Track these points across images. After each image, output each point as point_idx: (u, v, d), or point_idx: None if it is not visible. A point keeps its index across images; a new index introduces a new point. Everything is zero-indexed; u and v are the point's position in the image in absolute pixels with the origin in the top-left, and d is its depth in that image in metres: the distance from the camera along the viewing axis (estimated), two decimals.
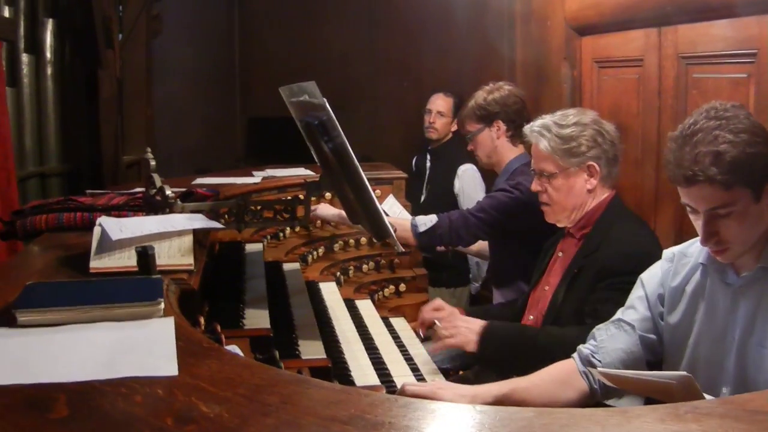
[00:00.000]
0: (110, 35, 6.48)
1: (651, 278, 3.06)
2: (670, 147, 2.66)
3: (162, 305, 2.12)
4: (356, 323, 3.77)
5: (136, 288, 2.24)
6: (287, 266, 4.26)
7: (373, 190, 5.09)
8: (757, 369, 2.62)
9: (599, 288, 3.41)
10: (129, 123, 7.02)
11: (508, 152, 4.69)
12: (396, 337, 3.81)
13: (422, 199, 6.88)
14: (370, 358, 3.31)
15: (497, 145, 4.73)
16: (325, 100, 2.91)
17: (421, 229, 4.46)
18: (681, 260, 2.99)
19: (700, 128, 2.57)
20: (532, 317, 3.81)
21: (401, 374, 3.26)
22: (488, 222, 4.42)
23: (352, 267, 4.81)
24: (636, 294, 3.07)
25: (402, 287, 4.86)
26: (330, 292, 4.13)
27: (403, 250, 3.76)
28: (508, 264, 4.48)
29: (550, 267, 3.84)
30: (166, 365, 1.74)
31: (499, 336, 3.50)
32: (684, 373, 2.30)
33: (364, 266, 4.90)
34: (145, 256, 2.44)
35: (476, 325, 3.53)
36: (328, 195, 4.86)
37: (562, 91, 5.65)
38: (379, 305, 4.48)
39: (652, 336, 3.01)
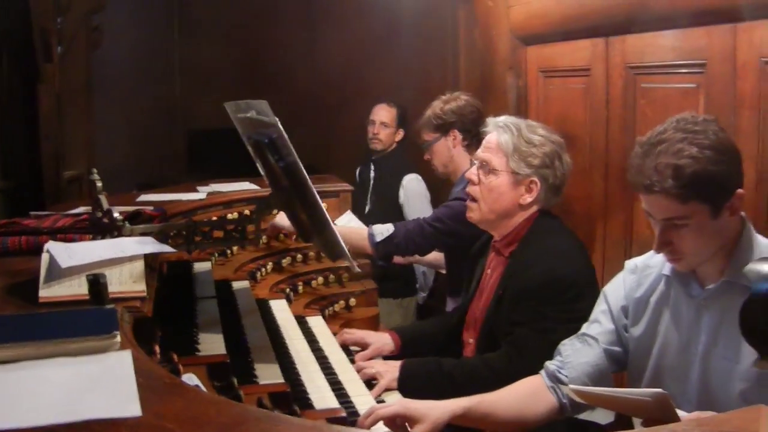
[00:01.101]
0: (49, 48, 6.36)
1: (614, 291, 3.06)
2: (635, 152, 2.67)
3: (118, 338, 2.05)
4: (309, 342, 3.71)
5: (89, 320, 2.16)
6: (237, 285, 4.18)
7: None
8: (721, 380, 2.65)
9: (516, 311, 3.42)
10: (69, 138, 6.89)
11: (464, 161, 4.73)
12: (349, 354, 3.77)
13: (367, 210, 6.83)
14: (327, 379, 3.26)
15: (453, 155, 4.80)
16: (277, 119, 2.86)
17: (378, 238, 4.47)
18: (644, 271, 3.00)
19: (666, 138, 2.58)
20: (471, 340, 3.80)
21: (359, 393, 3.22)
22: (444, 231, 4.43)
23: (301, 282, 4.73)
24: (599, 308, 3.08)
25: (352, 301, 4.79)
26: (281, 310, 4.06)
27: (359, 270, 3.71)
28: (463, 273, 4.44)
29: (482, 286, 3.82)
30: (129, 405, 1.68)
31: (417, 375, 3.50)
32: (659, 390, 2.29)
33: (313, 281, 4.81)
34: (97, 284, 2.35)
35: (394, 366, 3.54)
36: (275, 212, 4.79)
37: (507, 101, 5.65)
38: (329, 320, 4.41)
39: (617, 348, 3.02)
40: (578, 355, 3.01)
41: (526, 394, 3.03)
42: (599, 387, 2.79)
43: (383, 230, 4.51)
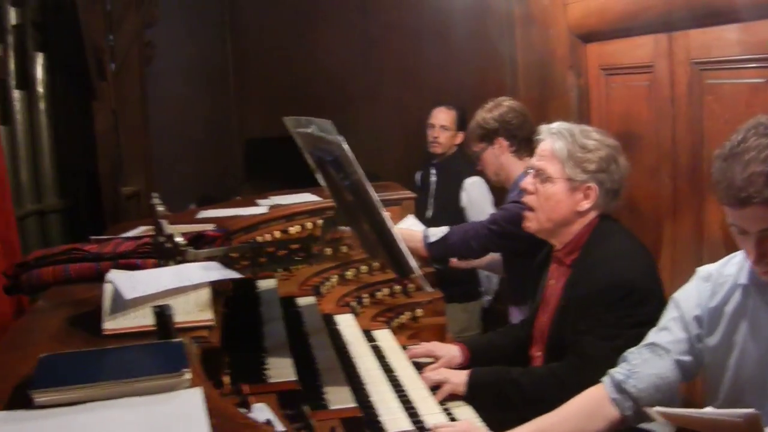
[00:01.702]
0: (102, 66, 6.35)
1: (686, 299, 2.97)
2: (718, 166, 2.56)
3: (187, 375, 1.99)
4: (378, 358, 3.65)
5: (157, 355, 2.12)
6: (302, 301, 4.15)
7: None
8: None
9: (580, 319, 3.34)
10: (126, 154, 6.89)
11: (515, 167, 4.68)
12: (419, 368, 3.68)
13: (429, 214, 6.76)
14: (398, 398, 3.20)
15: (503, 162, 4.75)
16: (342, 137, 2.79)
17: (432, 239, 4.48)
18: (718, 279, 2.91)
19: (750, 146, 2.48)
20: (539, 353, 3.73)
21: (430, 412, 3.16)
22: (500, 234, 4.39)
23: (366, 294, 4.67)
24: (670, 315, 3.00)
25: (419, 312, 4.72)
26: (347, 326, 4.01)
27: (431, 290, 3.65)
28: (525, 281, 4.36)
29: (546, 297, 3.75)
30: None
31: (485, 382, 3.45)
32: (751, 410, 2.23)
33: (378, 293, 4.75)
34: (163, 316, 2.30)
35: (463, 372, 3.50)
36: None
37: (568, 100, 5.53)
38: (396, 332, 4.35)
39: (688, 358, 2.94)
40: (647, 365, 2.94)
41: (586, 414, 2.98)
42: (671, 401, 2.83)
43: (437, 232, 4.51)
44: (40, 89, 5.99)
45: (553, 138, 3.56)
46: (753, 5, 3.73)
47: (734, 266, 2.86)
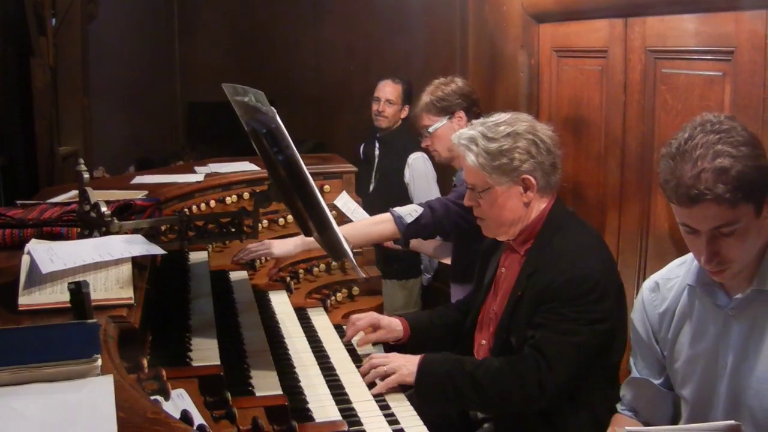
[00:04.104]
0: (42, 21, 6.18)
1: (639, 318, 2.99)
2: (666, 165, 2.50)
3: (99, 362, 1.86)
4: (310, 339, 3.55)
5: (69, 338, 1.98)
6: (234, 275, 4.05)
7: (322, 186, 4.89)
8: (752, 394, 2.54)
9: (538, 313, 3.22)
10: (64, 113, 6.73)
11: None
12: (351, 351, 3.57)
13: (371, 188, 6.66)
14: (328, 384, 3.09)
15: None
16: (274, 110, 2.67)
17: (408, 219, 4.33)
18: (666, 285, 2.90)
19: (698, 143, 2.43)
20: (484, 341, 3.59)
21: (361, 399, 3.05)
22: (469, 209, 4.26)
23: (302, 270, 4.58)
24: (633, 337, 3.04)
25: (355, 290, 4.63)
26: (280, 303, 3.91)
27: (364, 276, 3.52)
28: (471, 261, 4.26)
29: (495, 284, 3.62)
30: None
31: (436, 373, 3.27)
32: (732, 422, 2.21)
33: (315, 269, 4.65)
34: (79, 293, 2.16)
35: (412, 361, 3.30)
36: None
37: (518, 80, 5.44)
38: (331, 310, 4.27)
39: (663, 377, 2.97)
40: (640, 397, 3.01)
41: None
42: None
43: (410, 211, 4.38)
44: None
45: (465, 151, 3.41)
46: None
47: (681, 269, 2.85)
